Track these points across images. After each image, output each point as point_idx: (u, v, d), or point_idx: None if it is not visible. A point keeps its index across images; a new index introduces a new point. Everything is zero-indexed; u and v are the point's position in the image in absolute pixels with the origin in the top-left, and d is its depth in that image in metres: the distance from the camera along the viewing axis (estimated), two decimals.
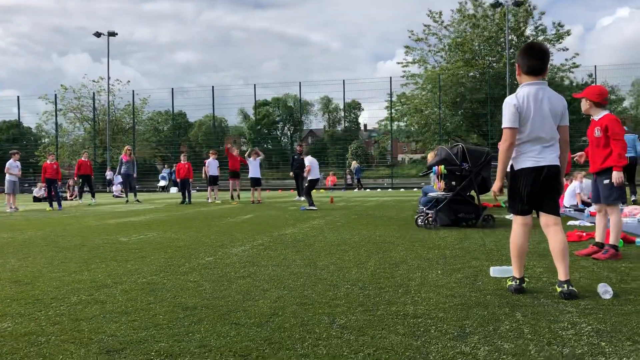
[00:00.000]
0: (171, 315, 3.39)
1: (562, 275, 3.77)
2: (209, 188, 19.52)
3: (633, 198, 12.66)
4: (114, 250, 6.57)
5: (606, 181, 5.34)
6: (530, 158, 3.86)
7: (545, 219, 3.93)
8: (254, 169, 17.57)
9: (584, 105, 5.42)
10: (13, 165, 17.21)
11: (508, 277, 4.20)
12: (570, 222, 8.71)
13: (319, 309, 3.49)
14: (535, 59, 3.86)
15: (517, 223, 4.00)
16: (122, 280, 4.64)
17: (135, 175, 19.52)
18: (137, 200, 19.38)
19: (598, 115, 5.36)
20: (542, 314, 3.28)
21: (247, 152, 18.26)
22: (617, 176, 5.26)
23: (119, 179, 20.12)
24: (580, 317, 3.20)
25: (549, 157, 3.85)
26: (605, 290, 3.70)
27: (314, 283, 4.36)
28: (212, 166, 18.98)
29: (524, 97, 3.84)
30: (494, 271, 4.58)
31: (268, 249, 6.43)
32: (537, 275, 4.52)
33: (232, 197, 18.94)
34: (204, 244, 7.01)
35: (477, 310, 3.41)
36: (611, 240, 5.36)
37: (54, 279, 4.74)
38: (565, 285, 3.71)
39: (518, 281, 3.93)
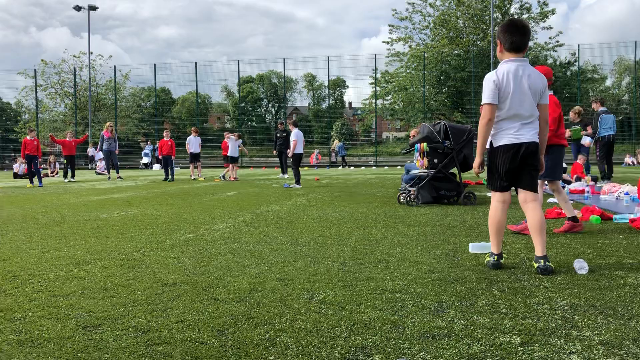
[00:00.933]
0: (150, 292, 3.38)
1: (538, 251, 3.82)
2: (191, 165, 19.42)
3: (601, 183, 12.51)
4: (94, 227, 6.52)
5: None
6: (509, 135, 3.87)
7: (523, 195, 3.96)
8: (233, 148, 17.66)
9: None
10: None
11: (486, 253, 4.25)
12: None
13: (299, 285, 3.50)
14: (517, 35, 3.85)
15: (496, 199, 4.03)
16: (102, 256, 4.61)
17: (117, 151, 19.35)
18: (119, 177, 19.22)
19: None
20: (519, 289, 3.32)
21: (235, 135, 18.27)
22: None
23: (100, 155, 19.87)
24: (555, 292, 3.25)
25: (528, 134, 3.87)
26: (580, 266, 3.76)
27: (294, 259, 4.37)
28: (192, 143, 18.85)
29: (504, 73, 3.84)
30: (473, 247, 4.63)
31: (250, 226, 6.43)
32: (515, 252, 4.57)
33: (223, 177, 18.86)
34: (185, 221, 6.98)
35: (455, 285, 3.44)
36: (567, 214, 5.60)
37: (32, 256, 4.69)
38: (542, 261, 3.76)
39: (496, 257, 3.97)
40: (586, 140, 11.97)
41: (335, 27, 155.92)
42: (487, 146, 4.02)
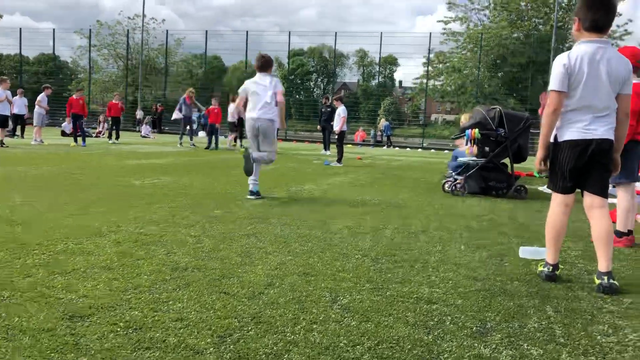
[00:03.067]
0: (157, 276, 3.04)
1: (602, 266, 3.29)
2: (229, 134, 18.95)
3: None
4: (122, 194, 6.28)
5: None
6: (578, 129, 3.33)
7: (589, 199, 3.42)
8: None
9: None
10: (44, 99, 17.30)
11: (539, 261, 3.75)
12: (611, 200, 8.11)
13: (322, 283, 3.10)
14: (600, 12, 3.27)
15: (556, 202, 3.50)
16: (119, 229, 4.32)
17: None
18: (193, 145, 18.80)
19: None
20: (578, 311, 2.83)
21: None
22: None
23: (178, 114, 19.26)
24: (623, 319, 2.75)
25: (601, 129, 3.31)
26: None
27: (322, 249, 3.96)
28: (230, 111, 18.41)
29: (578, 57, 3.28)
30: (524, 252, 4.12)
31: (282, 205, 6.06)
32: (572, 260, 4.05)
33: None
34: (216, 195, 6.67)
35: (502, 299, 2.98)
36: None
37: (49, 221, 4.45)
38: (606, 278, 3.24)
39: (551, 267, 3.47)
40: None
41: (390, 2, 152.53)
42: (552, 140, 3.48)
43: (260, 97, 6.50)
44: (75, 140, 16.46)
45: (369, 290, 3.00)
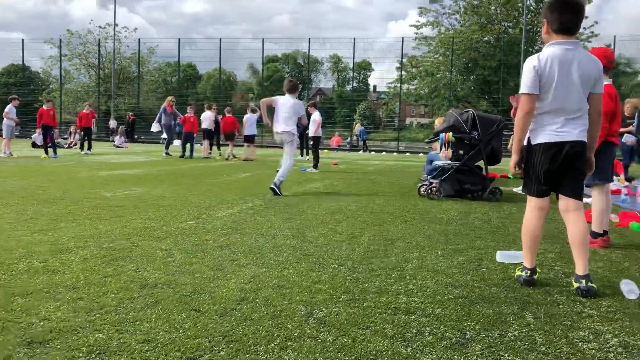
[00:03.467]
0: (124, 295, 2.92)
1: (580, 269, 3.26)
2: (204, 142, 18.68)
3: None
4: (92, 207, 6.10)
5: None
6: (551, 132, 3.29)
7: (564, 202, 3.40)
8: (250, 125, 17.06)
9: None
10: (11, 110, 16.88)
11: (517, 264, 3.71)
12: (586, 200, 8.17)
13: (297, 295, 3.00)
14: (569, 14, 3.25)
15: (532, 206, 3.47)
16: (87, 244, 4.17)
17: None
18: (167, 153, 18.55)
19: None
20: (557, 317, 2.79)
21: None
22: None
23: (157, 126, 18.96)
24: (603, 323, 2.71)
25: (574, 131, 3.28)
26: (630, 290, 3.20)
27: (297, 259, 3.87)
28: (205, 119, 18.21)
29: (548, 58, 3.25)
30: (501, 256, 4.09)
31: (257, 214, 5.95)
32: (549, 263, 4.02)
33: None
34: (189, 205, 6.53)
35: (481, 306, 2.92)
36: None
37: (12, 238, 4.27)
38: (584, 281, 3.21)
39: (529, 272, 3.43)
40: (629, 139, 11.01)
41: (363, 8, 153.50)
42: (525, 143, 3.45)
43: (283, 113, 8.09)
44: (46, 152, 16.10)
45: (346, 302, 2.91)
